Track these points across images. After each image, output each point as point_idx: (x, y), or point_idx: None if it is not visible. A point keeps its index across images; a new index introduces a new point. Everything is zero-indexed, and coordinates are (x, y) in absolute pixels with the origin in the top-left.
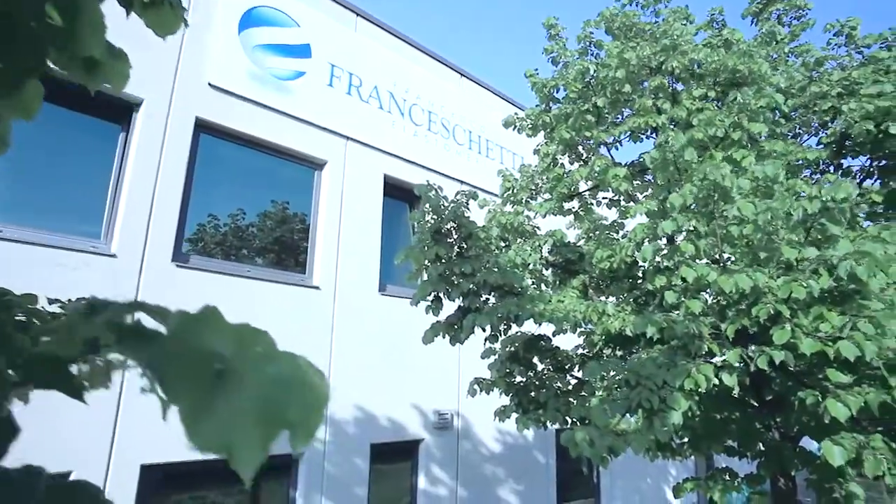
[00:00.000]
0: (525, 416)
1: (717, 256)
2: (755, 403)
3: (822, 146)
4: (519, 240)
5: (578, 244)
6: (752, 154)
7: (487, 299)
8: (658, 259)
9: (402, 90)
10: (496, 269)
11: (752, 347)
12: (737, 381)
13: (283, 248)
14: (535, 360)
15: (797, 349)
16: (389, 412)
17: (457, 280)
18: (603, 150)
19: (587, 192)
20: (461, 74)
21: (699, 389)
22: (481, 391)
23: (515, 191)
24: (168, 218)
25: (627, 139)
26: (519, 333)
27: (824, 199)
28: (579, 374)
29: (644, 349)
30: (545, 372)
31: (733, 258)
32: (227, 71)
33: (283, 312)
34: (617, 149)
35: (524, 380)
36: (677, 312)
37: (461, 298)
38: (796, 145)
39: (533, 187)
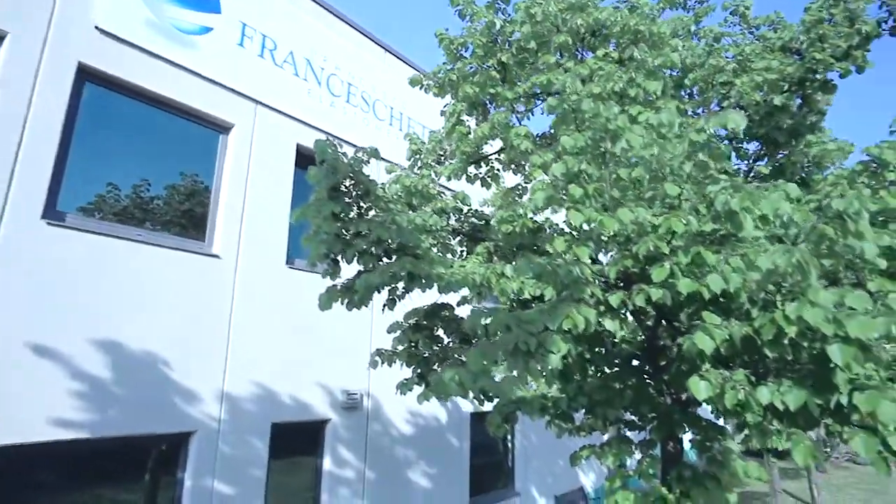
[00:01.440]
0: (428, 388)
1: (605, 201)
2: (651, 371)
3: None
4: (424, 205)
5: (485, 211)
6: (648, 111)
7: (383, 260)
8: (553, 215)
9: (321, 59)
10: (393, 226)
11: (634, 287)
12: (619, 326)
13: (181, 213)
14: (441, 333)
15: (675, 288)
16: (294, 390)
17: (353, 241)
18: (510, 114)
19: (494, 157)
20: (385, 50)
21: (580, 331)
22: (383, 363)
23: (422, 155)
24: (38, 170)
25: (534, 100)
26: (425, 307)
27: (711, 131)
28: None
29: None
30: (451, 345)
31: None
32: (118, 15)
33: (176, 281)
34: (529, 118)
35: (427, 352)
36: (564, 258)
37: (357, 260)
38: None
39: (441, 151)
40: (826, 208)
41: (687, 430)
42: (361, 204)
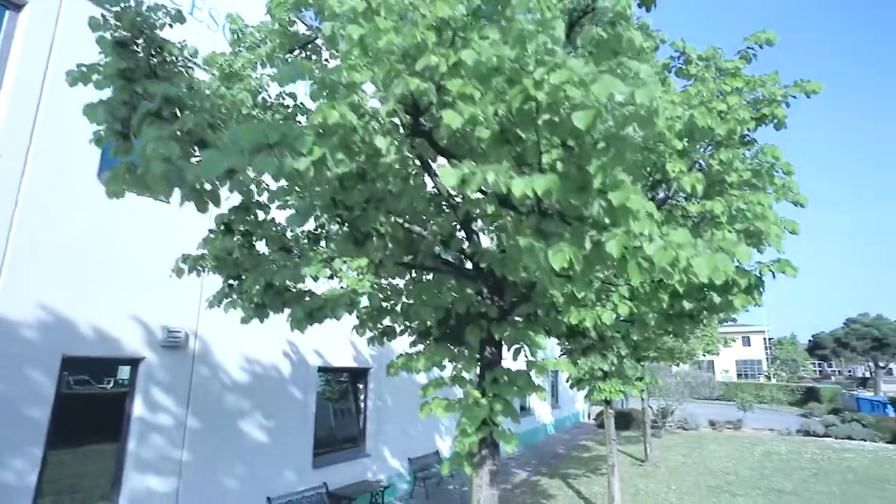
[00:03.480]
0: (240, 300)
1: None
2: (471, 274)
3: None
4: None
5: (302, 103)
6: None
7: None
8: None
9: None
10: (185, 89)
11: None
12: (390, 147)
13: None
14: (264, 244)
15: (440, 82)
16: (97, 321)
17: (140, 103)
18: None
19: (319, 41)
20: None
21: (331, 126)
22: (191, 271)
23: (243, 36)
24: None
25: None
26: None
27: None
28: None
29: None
30: (271, 255)
31: None
32: None
33: None
34: None
35: (240, 257)
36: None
37: (146, 124)
38: None
39: (264, 34)
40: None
41: (504, 332)
42: (153, 61)
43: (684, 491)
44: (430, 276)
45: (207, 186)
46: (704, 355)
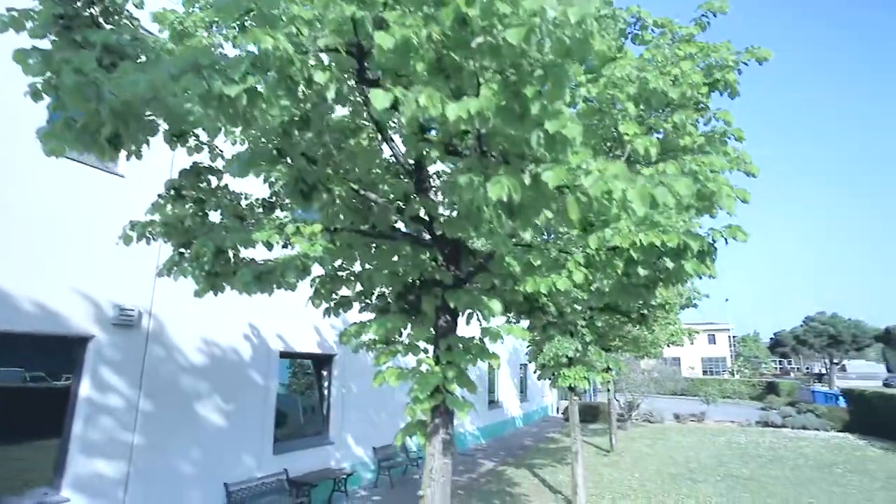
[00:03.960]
0: (190, 267)
1: None
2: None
3: None
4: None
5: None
6: None
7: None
8: None
9: None
10: (128, 38)
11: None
12: (330, 82)
13: None
14: (218, 214)
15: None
16: (38, 294)
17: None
18: None
19: None
20: None
21: (263, 48)
22: (139, 239)
23: None
24: None
25: None
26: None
27: None
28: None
29: None
30: (223, 222)
31: None
32: None
33: None
34: None
35: (192, 225)
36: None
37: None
38: None
39: None
40: None
41: (459, 300)
42: (94, 10)
43: (647, 478)
44: (385, 246)
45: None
46: (669, 346)
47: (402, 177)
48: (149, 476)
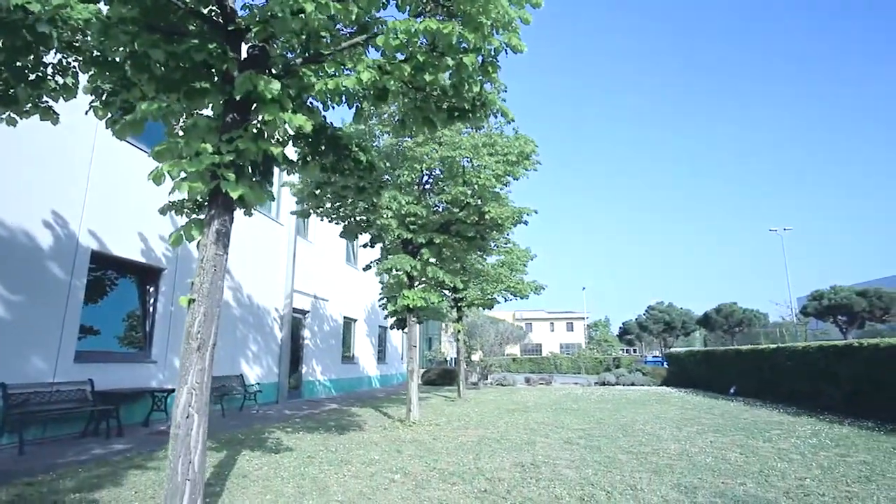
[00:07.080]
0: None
1: None
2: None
3: None
4: None
5: None
6: None
7: None
8: None
9: None
10: None
11: None
12: None
13: None
14: None
15: None
16: None
17: None
18: None
19: None
20: None
21: None
22: None
23: None
24: None
25: None
26: None
27: None
28: None
29: None
30: None
31: None
32: None
33: None
34: None
35: None
36: None
37: None
38: None
39: None
40: None
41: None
42: None
43: (486, 412)
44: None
45: None
46: (512, 279)
47: None
48: None
